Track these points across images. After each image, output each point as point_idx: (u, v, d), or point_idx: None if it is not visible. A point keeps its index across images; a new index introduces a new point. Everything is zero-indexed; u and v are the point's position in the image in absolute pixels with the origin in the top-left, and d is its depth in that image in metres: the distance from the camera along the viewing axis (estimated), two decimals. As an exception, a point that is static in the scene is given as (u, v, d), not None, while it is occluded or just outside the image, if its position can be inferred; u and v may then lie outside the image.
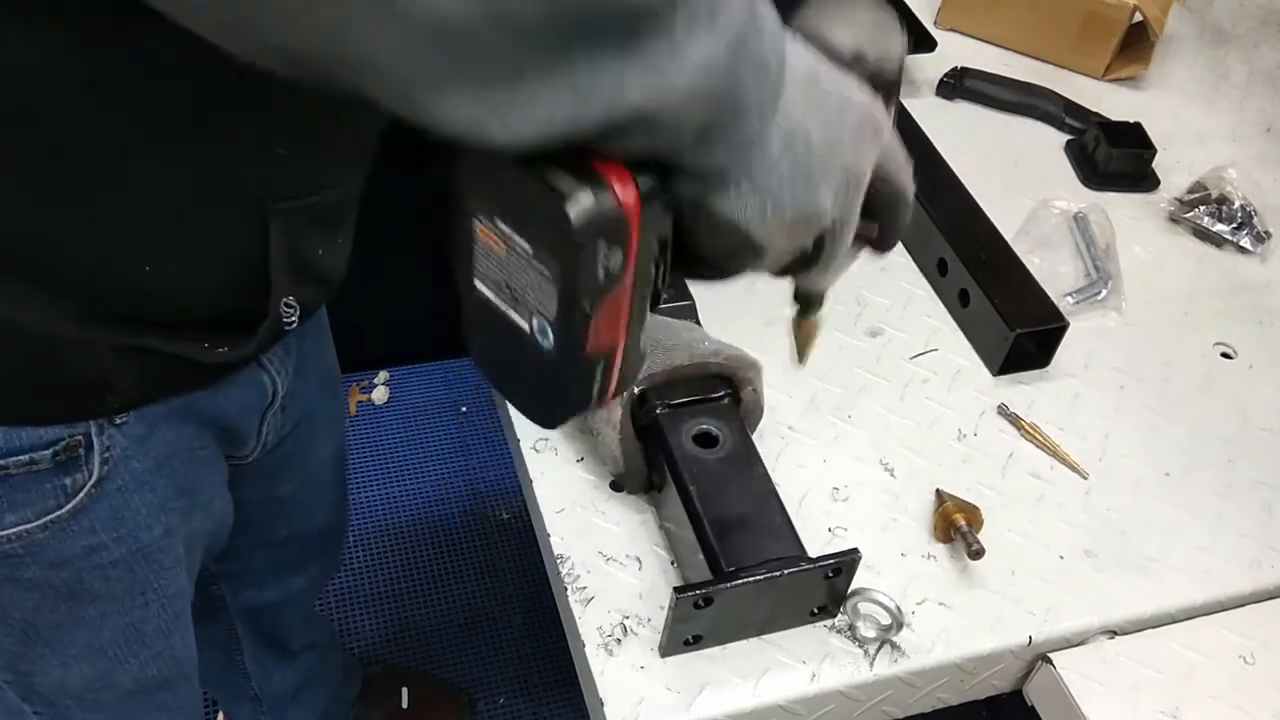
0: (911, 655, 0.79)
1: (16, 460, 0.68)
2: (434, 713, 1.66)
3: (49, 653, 0.82)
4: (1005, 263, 1.04)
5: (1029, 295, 1.01)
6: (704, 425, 0.82)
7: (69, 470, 0.70)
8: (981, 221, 1.08)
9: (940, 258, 1.05)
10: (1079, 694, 0.79)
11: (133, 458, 0.73)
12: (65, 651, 0.82)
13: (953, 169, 1.12)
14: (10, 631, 0.80)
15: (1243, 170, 1.21)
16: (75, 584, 0.78)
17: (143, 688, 0.89)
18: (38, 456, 0.68)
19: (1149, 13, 1.32)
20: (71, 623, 0.81)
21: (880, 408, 0.95)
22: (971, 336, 1.02)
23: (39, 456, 0.68)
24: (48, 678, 0.84)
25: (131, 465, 0.73)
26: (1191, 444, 0.97)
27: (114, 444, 0.71)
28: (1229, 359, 1.06)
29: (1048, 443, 0.94)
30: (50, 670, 0.83)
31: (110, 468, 0.72)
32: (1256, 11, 1.54)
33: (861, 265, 1.02)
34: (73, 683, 0.85)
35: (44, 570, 0.75)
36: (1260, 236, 1.17)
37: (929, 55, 1.30)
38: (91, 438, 0.70)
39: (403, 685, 1.65)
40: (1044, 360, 1.00)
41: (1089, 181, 1.22)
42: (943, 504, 0.86)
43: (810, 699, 0.77)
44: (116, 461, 0.72)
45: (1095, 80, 1.37)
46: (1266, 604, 0.88)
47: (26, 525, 0.72)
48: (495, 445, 2.03)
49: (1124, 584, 0.86)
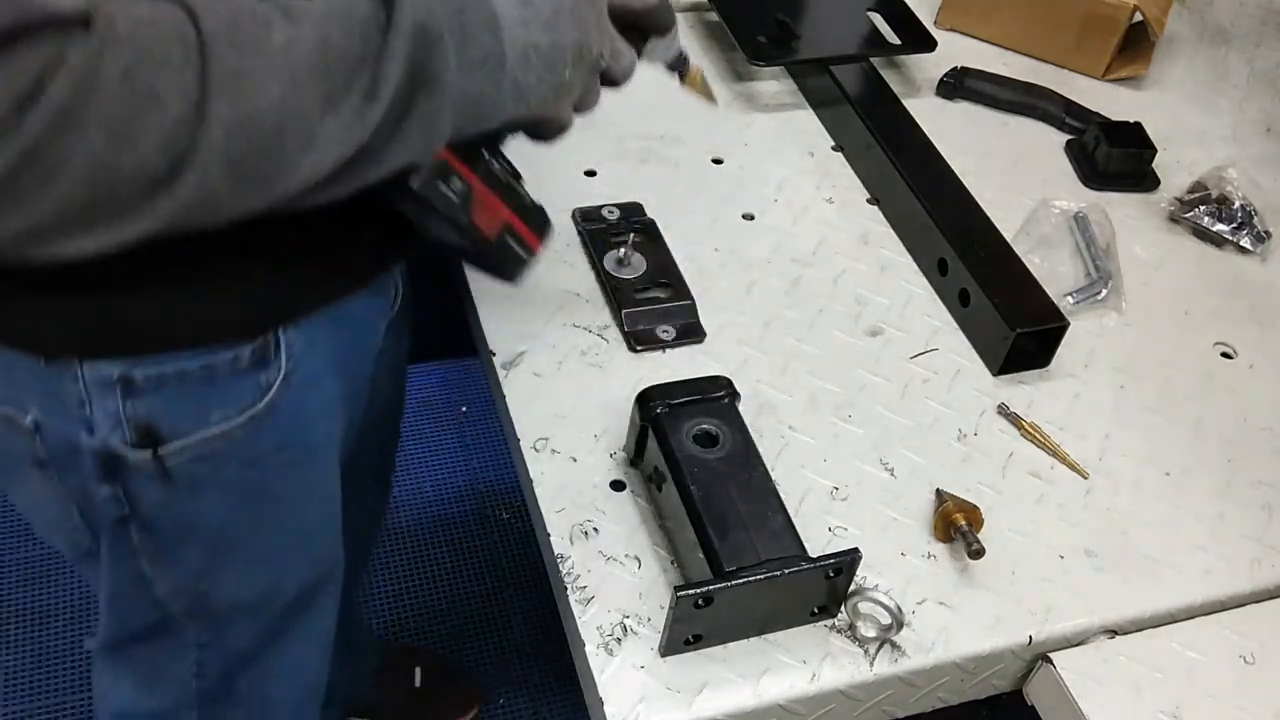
0: (912, 655, 0.79)
1: (223, 359, 0.74)
2: (446, 694, 1.68)
3: (230, 565, 0.87)
4: (1005, 262, 1.04)
5: (1029, 295, 1.01)
6: (704, 425, 0.82)
7: (263, 367, 0.76)
8: (981, 221, 1.08)
9: (940, 257, 1.05)
10: (1079, 694, 0.79)
11: (308, 356, 0.79)
12: (246, 558, 0.87)
13: (953, 169, 1.12)
14: (200, 544, 0.84)
15: (1243, 170, 1.21)
16: (262, 484, 0.83)
17: (303, 592, 0.94)
18: (240, 354, 0.74)
19: (1149, 13, 1.32)
20: (254, 527, 0.85)
21: (880, 407, 0.95)
22: (972, 336, 1.02)
23: (241, 354, 0.74)
24: (223, 593, 0.88)
25: (307, 363, 0.79)
26: (1191, 444, 0.97)
27: (295, 342, 0.77)
28: (1229, 359, 1.06)
29: (1048, 443, 0.94)
30: (227, 585, 0.88)
31: (293, 365, 0.78)
32: (1256, 11, 1.54)
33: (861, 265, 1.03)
34: (246, 594, 0.90)
35: (240, 469, 0.80)
36: (1260, 236, 1.17)
37: (929, 55, 1.30)
38: (280, 335, 0.76)
39: (416, 666, 1.66)
40: (1044, 360, 1.00)
41: (1089, 181, 1.22)
42: (943, 504, 0.86)
43: (810, 699, 0.77)
44: (298, 359, 0.78)
45: (1095, 80, 1.37)
46: (1266, 604, 0.88)
47: (230, 423, 0.77)
48: (495, 445, 2.03)
49: (1124, 584, 0.86)
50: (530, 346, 0.94)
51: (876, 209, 1.14)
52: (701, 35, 1.32)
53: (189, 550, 0.84)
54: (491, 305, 0.96)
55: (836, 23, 1.32)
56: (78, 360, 0.71)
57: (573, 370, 0.93)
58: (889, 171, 1.12)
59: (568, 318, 0.97)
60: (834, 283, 1.04)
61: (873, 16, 1.31)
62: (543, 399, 0.90)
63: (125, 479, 0.77)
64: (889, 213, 1.13)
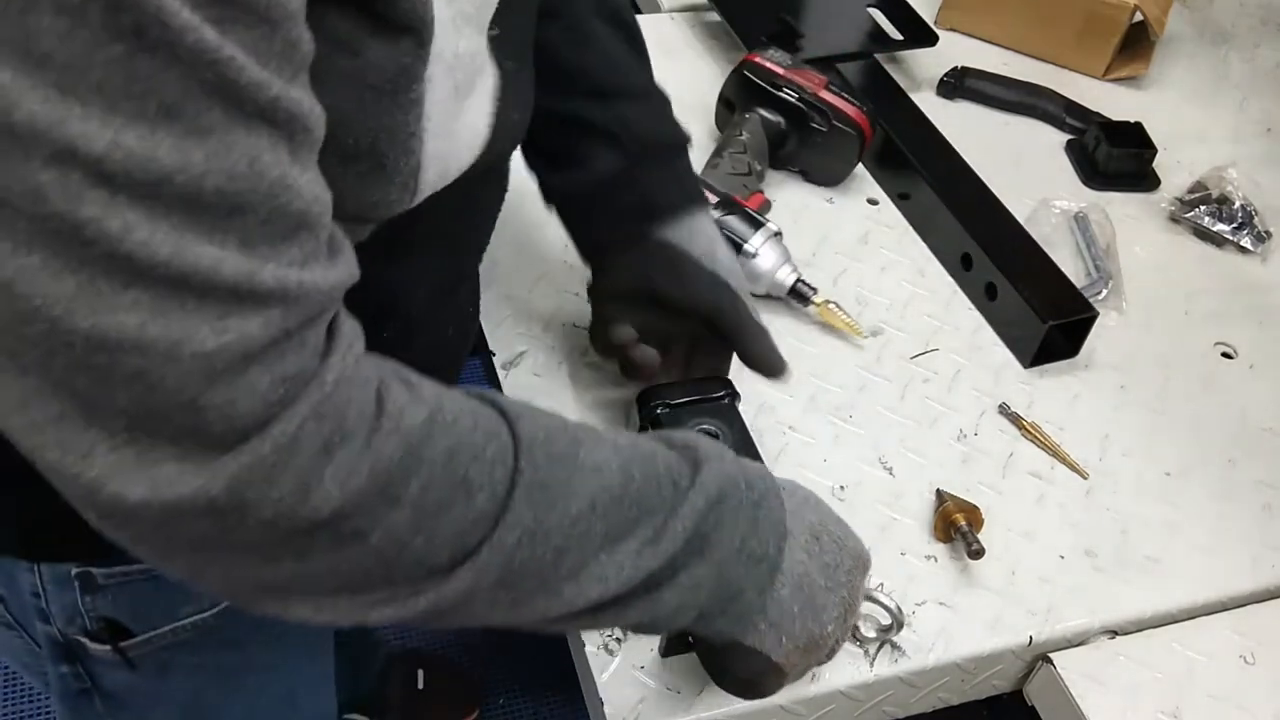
0: (912, 655, 0.79)
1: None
2: (448, 695, 1.68)
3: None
4: (1030, 255, 1.05)
5: (1057, 286, 1.02)
6: (704, 425, 0.81)
7: None
8: (1002, 214, 1.09)
9: (964, 252, 1.05)
10: (1079, 694, 0.79)
11: None
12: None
13: (969, 163, 1.13)
14: (172, 713, 0.80)
15: (1243, 170, 1.21)
16: (244, 660, 0.79)
17: None
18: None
19: (1149, 13, 1.32)
20: (233, 696, 0.81)
21: (880, 407, 0.95)
22: (1000, 330, 1.02)
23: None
24: None
25: None
26: (1191, 444, 0.97)
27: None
28: (1229, 359, 1.06)
29: (1048, 443, 0.94)
30: None
31: None
32: (1257, 11, 1.54)
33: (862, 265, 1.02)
34: None
35: (217, 650, 0.76)
36: (1261, 236, 1.17)
37: (929, 55, 1.30)
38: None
39: (419, 668, 1.67)
40: (1073, 350, 1.01)
41: (1089, 181, 1.22)
42: (943, 504, 0.86)
43: (810, 699, 0.77)
44: None
45: (1095, 80, 1.37)
46: (1266, 604, 0.88)
47: (203, 615, 0.73)
48: (495, 445, 2.03)
49: (1124, 584, 0.86)
50: (530, 346, 0.94)
51: (876, 209, 1.14)
52: (703, 35, 1.32)
53: (159, 717, 0.80)
54: (491, 306, 0.96)
55: (838, 20, 1.32)
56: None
57: (573, 370, 0.93)
58: (906, 167, 1.12)
59: (568, 318, 0.97)
60: (834, 283, 1.04)
61: (873, 13, 1.31)
62: (543, 399, 0.90)
63: (85, 662, 0.74)
64: (907, 209, 1.13)
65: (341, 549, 0.47)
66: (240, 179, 0.41)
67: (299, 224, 0.43)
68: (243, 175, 0.41)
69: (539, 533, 0.52)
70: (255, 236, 0.42)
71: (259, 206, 0.41)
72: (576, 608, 0.55)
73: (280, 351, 0.43)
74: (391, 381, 0.49)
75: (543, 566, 0.53)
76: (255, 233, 0.42)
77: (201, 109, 0.39)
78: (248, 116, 0.40)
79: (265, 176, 0.41)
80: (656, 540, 0.56)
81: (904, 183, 1.14)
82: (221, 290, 0.41)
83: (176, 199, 0.39)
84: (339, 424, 0.45)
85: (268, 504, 0.44)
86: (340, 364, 0.46)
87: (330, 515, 0.46)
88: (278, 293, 0.42)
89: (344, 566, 0.48)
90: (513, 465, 0.52)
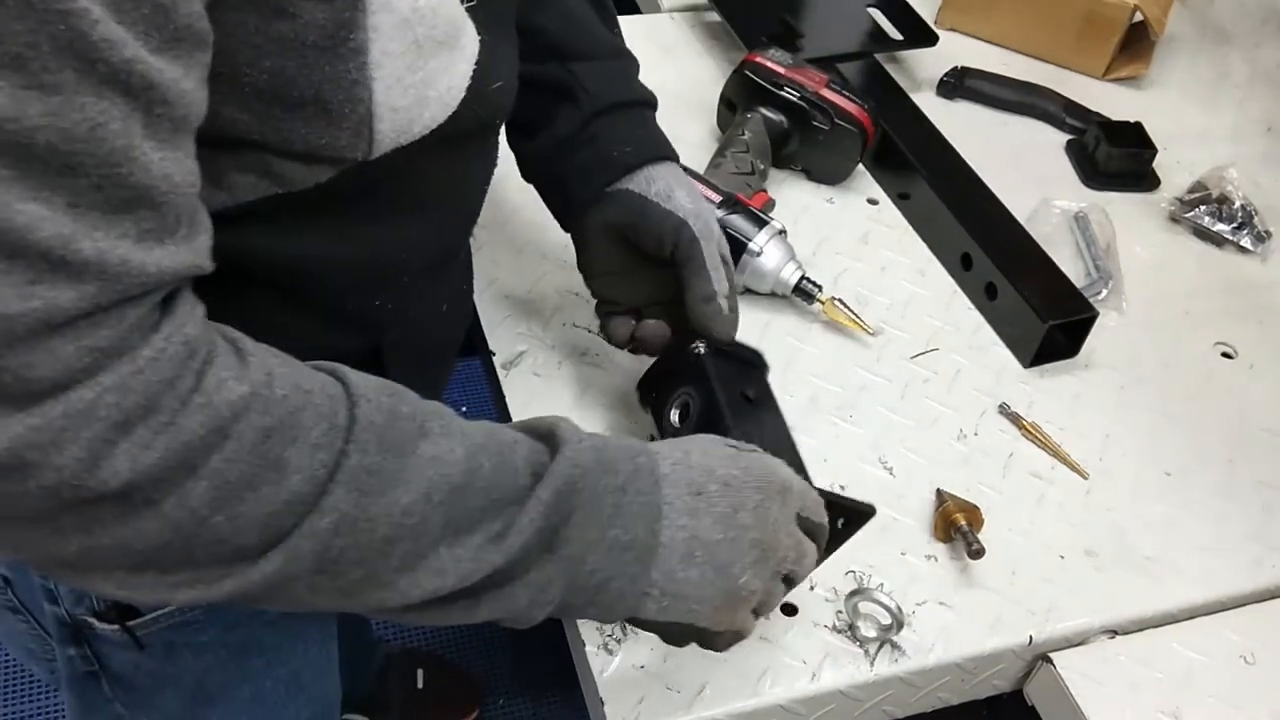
0: (912, 655, 0.79)
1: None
2: (448, 695, 1.68)
3: (213, 712, 0.82)
4: (1030, 255, 1.05)
5: (1057, 286, 1.02)
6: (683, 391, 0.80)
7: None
8: (1002, 214, 1.09)
9: (964, 252, 1.05)
10: (1079, 694, 0.79)
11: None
12: (229, 706, 0.82)
13: (968, 163, 1.13)
14: (180, 694, 0.80)
15: (1243, 170, 1.21)
16: (249, 641, 0.79)
17: None
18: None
19: (1149, 12, 1.32)
20: (239, 677, 0.81)
21: (880, 407, 0.95)
22: (1000, 330, 1.03)
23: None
24: None
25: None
26: (1191, 444, 0.97)
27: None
28: (1229, 359, 1.06)
29: (1048, 443, 0.94)
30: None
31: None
32: (1257, 11, 1.54)
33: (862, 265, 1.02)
34: None
35: (222, 631, 0.76)
36: (1261, 236, 1.17)
37: (929, 55, 1.30)
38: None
39: (419, 667, 1.67)
40: (1073, 350, 1.01)
41: (1089, 181, 1.22)
42: (943, 504, 0.86)
43: (810, 699, 0.77)
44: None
45: (1095, 80, 1.37)
46: (1266, 604, 0.88)
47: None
48: (495, 445, 2.03)
49: (1124, 584, 0.86)
50: (530, 346, 0.94)
51: (877, 209, 1.14)
52: (703, 35, 1.32)
53: (167, 698, 0.80)
54: (491, 306, 0.96)
55: (838, 20, 1.32)
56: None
57: (573, 370, 0.93)
58: (906, 167, 1.12)
59: (568, 318, 0.97)
60: (834, 283, 1.04)
61: (873, 13, 1.31)
62: (543, 399, 0.90)
63: (92, 643, 0.74)
64: (907, 208, 1.13)
65: (130, 522, 0.47)
66: (78, 140, 0.41)
67: (138, 198, 0.43)
68: (80, 138, 0.41)
69: (362, 520, 0.51)
70: (85, 201, 0.42)
71: (92, 171, 0.42)
72: (413, 599, 0.54)
73: (93, 323, 0.43)
74: (221, 356, 0.49)
75: (368, 555, 0.52)
76: (86, 197, 0.42)
77: (50, 64, 0.40)
78: (100, 80, 0.41)
79: (106, 143, 0.42)
80: (503, 535, 0.55)
81: (904, 182, 1.14)
82: (34, 254, 0.41)
83: (3, 145, 0.40)
84: (145, 400, 0.45)
85: (49, 469, 0.44)
86: (163, 342, 0.46)
87: (118, 489, 0.45)
88: (94, 266, 0.43)
89: (136, 543, 0.47)
90: (339, 449, 0.51)
